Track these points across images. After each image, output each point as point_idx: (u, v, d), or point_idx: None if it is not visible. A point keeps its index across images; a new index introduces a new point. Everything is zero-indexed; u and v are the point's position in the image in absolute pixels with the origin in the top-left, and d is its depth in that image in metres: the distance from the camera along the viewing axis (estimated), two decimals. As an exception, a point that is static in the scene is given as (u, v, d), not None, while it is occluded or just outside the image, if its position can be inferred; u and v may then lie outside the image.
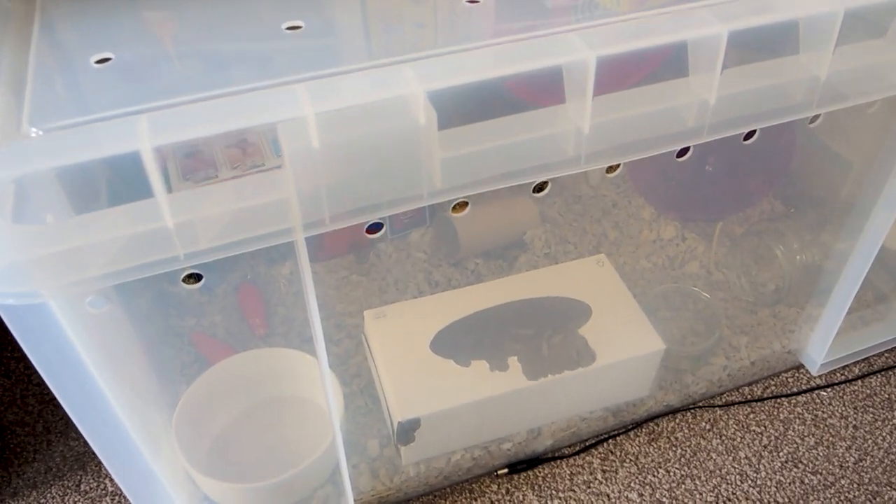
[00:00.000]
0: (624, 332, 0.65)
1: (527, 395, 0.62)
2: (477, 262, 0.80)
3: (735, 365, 0.73)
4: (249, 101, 0.36)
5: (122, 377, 0.52)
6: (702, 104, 0.44)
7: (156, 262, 0.37)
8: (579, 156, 0.42)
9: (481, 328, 0.65)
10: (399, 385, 0.61)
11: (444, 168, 0.40)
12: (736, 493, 0.66)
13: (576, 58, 0.39)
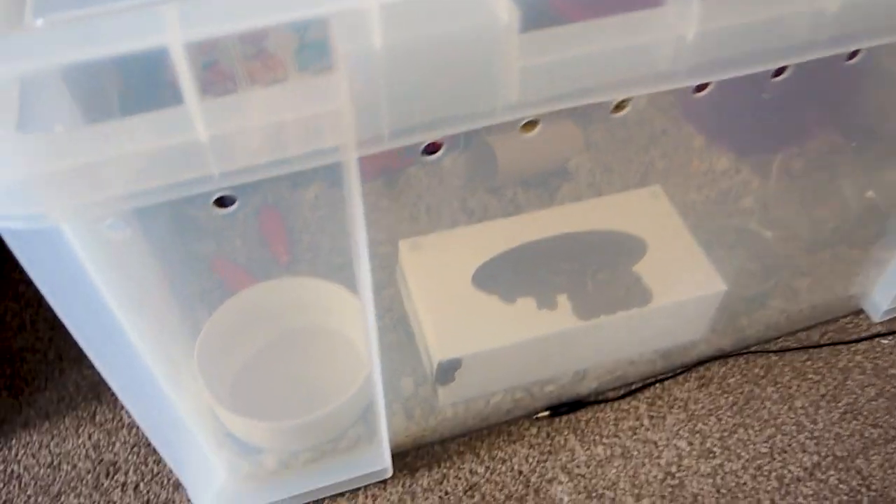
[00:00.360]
0: (682, 270, 0.60)
1: (576, 336, 0.57)
2: (516, 191, 0.74)
3: (793, 308, 0.68)
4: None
5: (141, 308, 0.47)
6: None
7: (186, 182, 0.31)
8: (678, 69, 0.36)
9: (527, 262, 0.60)
10: (439, 322, 0.56)
11: (523, 78, 0.34)
12: (791, 444, 0.63)
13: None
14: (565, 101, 0.35)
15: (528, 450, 0.62)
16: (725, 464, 0.61)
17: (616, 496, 0.59)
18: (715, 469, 0.61)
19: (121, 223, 0.38)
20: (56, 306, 0.37)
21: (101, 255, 0.39)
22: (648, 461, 0.61)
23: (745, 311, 0.67)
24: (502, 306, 0.57)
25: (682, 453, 0.62)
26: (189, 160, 0.31)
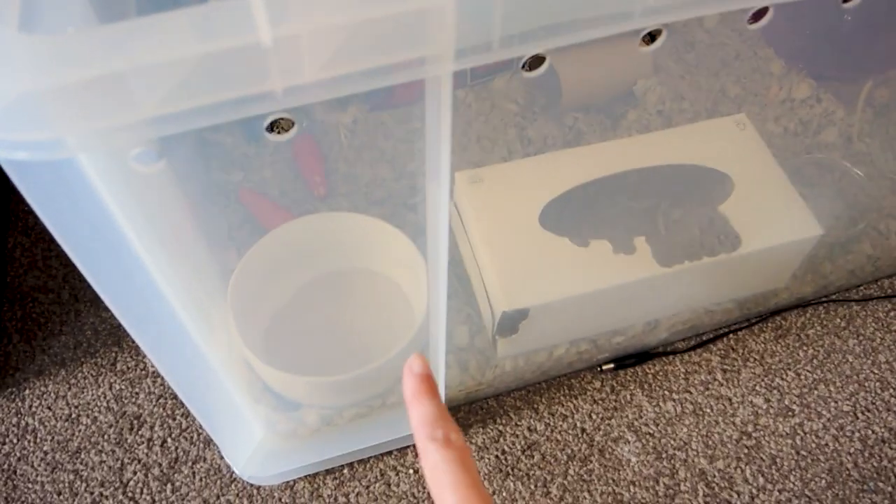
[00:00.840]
0: (773, 211, 0.53)
1: (655, 285, 0.51)
2: (577, 117, 0.66)
3: (882, 254, 0.61)
4: None
5: (168, 250, 0.41)
6: None
7: (242, 100, 0.24)
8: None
9: (601, 200, 0.53)
10: (503, 267, 0.50)
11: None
12: (876, 403, 0.57)
13: None
14: (714, 4, 0.28)
15: (592, 405, 0.56)
16: (805, 423, 0.56)
17: (688, 457, 0.54)
18: (794, 429, 0.56)
19: (152, 153, 0.31)
20: (69, 250, 0.31)
21: (126, 191, 0.32)
22: (722, 419, 0.56)
23: (830, 257, 0.61)
24: (574, 250, 0.51)
25: (759, 411, 0.56)
26: (247, 71, 0.23)
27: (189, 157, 0.59)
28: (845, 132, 0.69)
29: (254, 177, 0.65)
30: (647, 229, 0.52)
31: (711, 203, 0.53)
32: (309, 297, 0.58)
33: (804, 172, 0.64)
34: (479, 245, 0.51)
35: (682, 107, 0.68)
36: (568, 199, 0.52)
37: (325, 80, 0.25)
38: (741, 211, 0.53)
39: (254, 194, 0.64)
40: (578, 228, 0.51)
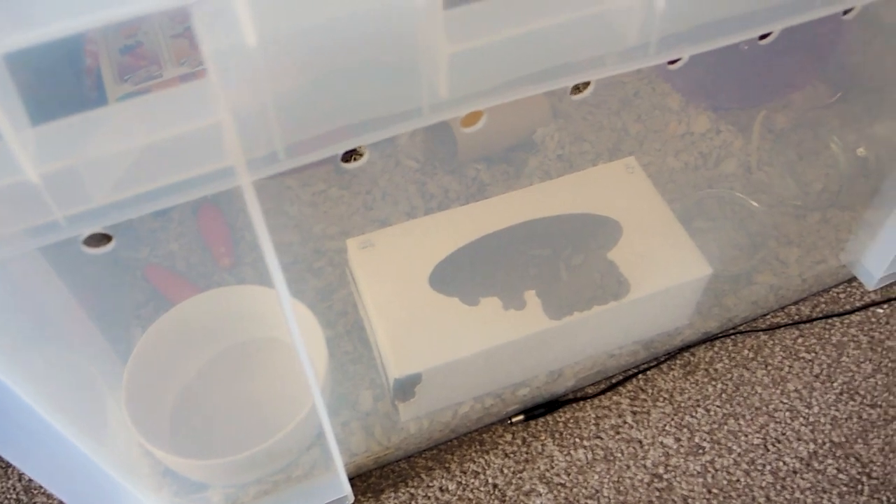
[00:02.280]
0: (662, 254, 0.54)
1: (548, 337, 0.51)
2: (478, 168, 0.67)
3: (784, 283, 0.62)
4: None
5: (45, 344, 0.40)
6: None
7: (22, 233, 0.24)
8: (647, 43, 0.29)
9: (490, 256, 0.53)
10: (394, 333, 0.50)
11: (454, 68, 0.27)
12: (786, 432, 0.58)
13: None
14: (511, 92, 0.29)
15: (503, 459, 0.56)
16: (716, 460, 0.56)
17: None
18: (705, 467, 0.56)
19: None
20: None
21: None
22: (633, 463, 0.56)
23: (732, 290, 0.62)
24: (464, 310, 0.51)
25: (669, 451, 0.57)
26: (21, 204, 0.24)
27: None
28: (744, 162, 0.70)
29: (160, 251, 0.65)
30: (536, 283, 0.52)
31: (601, 250, 0.54)
32: (215, 372, 0.57)
33: (701, 208, 0.65)
34: (371, 311, 0.52)
35: (582, 149, 0.69)
36: (457, 258, 0.53)
37: (111, 205, 0.25)
38: (630, 256, 0.54)
39: (160, 269, 0.64)
40: (468, 287, 0.52)
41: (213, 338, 0.58)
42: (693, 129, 0.71)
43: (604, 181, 0.57)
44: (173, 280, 0.64)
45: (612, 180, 0.57)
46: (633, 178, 0.58)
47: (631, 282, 0.52)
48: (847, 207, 0.67)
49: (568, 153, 0.68)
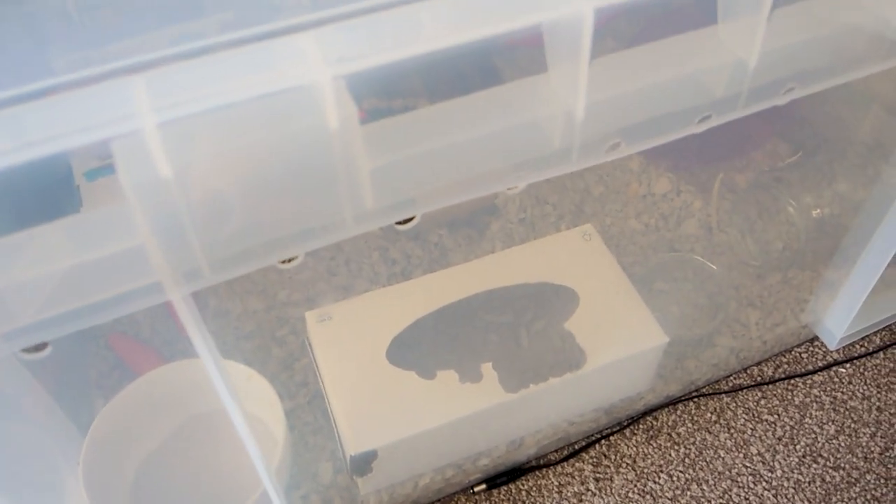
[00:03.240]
0: (619, 323, 0.55)
1: (506, 410, 0.52)
2: (441, 234, 0.68)
3: (744, 345, 0.63)
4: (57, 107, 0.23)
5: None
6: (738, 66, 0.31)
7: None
8: (569, 148, 0.30)
9: (447, 328, 0.54)
10: (350, 408, 0.50)
11: (377, 182, 0.27)
12: (749, 497, 0.58)
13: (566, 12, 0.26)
14: (438, 199, 0.29)
15: (465, 531, 0.56)
16: (680, 526, 0.56)
17: (563, 577, 0.54)
18: (669, 534, 0.56)
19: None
20: None
21: None
22: (597, 532, 0.56)
23: (693, 353, 0.62)
24: (421, 384, 0.51)
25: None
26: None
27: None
28: (705, 223, 0.71)
29: (124, 319, 0.65)
30: (493, 354, 0.53)
31: (558, 321, 0.55)
32: (177, 444, 0.57)
33: (662, 271, 0.66)
34: (328, 385, 0.52)
35: (545, 211, 0.70)
36: (414, 331, 0.53)
37: (40, 322, 0.26)
38: (586, 326, 0.54)
39: (125, 338, 0.64)
40: (425, 360, 0.52)
41: (176, 409, 0.58)
42: (654, 190, 0.73)
43: (561, 249, 0.58)
44: (138, 349, 0.64)
45: (570, 248, 0.58)
46: (591, 245, 0.58)
47: (587, 352, 0.53)
48: (807, 267, 0.68)
49: (530, 216, 0.69)
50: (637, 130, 0.31)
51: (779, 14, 0.31)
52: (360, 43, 0.24)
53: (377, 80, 0.24)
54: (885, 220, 0.58)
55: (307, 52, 0.24)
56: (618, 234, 0.69)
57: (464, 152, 0.28)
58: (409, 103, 0.59)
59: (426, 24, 0.26)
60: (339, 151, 0.25)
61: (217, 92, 0.22)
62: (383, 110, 0.49)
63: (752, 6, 0.30)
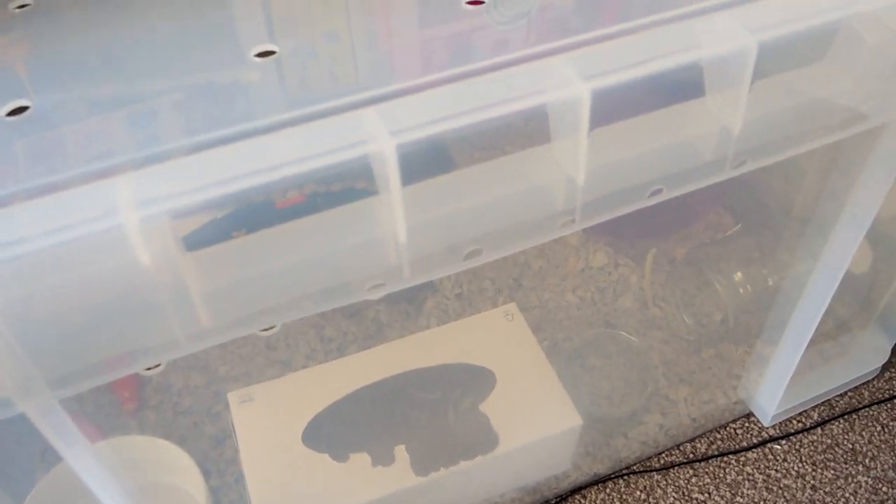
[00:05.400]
0: (534, 404, 0.55)
1: (417, 493, 0.52)
2: (378, 309, 0.69)
3: (673, 422, 0.63)
4: None
5: None
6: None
7: None
8: (399, 267, 0.32)
9: (362, 410, 0.55)
10: (265, 492, 0.51)
11: (209, 300, 0.29)
12: (673, 579, 0.57)
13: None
14: (275, 315, 0.31)
15: None
16: None
17: None
18: None
19: None
20: None
21: None
22: None
23: (621, 431, 0.62)
24: (333, 467, 0.52)
25: None
26: None
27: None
28: (640, 296, 0.72)
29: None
30: (407, 436, 0.53)
31: (475, 402, 0.56)
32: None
33: (591, 348, 0.67)
34: (246, 468, 0.53)
35: (482, 286, 0.72)
36: (330, 413, 0.54)
37: None
38: (502, 407, 0.55)
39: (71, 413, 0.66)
40: (339, 443, 0.53)
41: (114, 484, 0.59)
42: (592, 263, 0.74)
43: (483, 329, 0.59)
44: (83, 424, 0.66)
45: (492, 328, 0.59)
46: (512, 325, 0.59)
47: (500, 434, 0.54)
48: (740, 342, 0.68)
49: (466, 291, 0.71)
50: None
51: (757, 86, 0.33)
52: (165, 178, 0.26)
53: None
54: (803, 295, 0.59)
55: (117, 191, 0.26)
56: (555, 308, 0.71)
57: (304, 267, 0.30)
58: (348, 185, 0.61)
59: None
60: (162, 278, 0.27)
61: (33, 238, 0.25)
62: (322, 194, 0.51)
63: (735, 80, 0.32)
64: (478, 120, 0.28)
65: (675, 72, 0.31)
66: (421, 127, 0.28)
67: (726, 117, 0.34)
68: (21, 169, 0.27)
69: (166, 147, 0.27)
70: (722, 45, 0.32)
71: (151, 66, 0.34)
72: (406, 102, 0.29)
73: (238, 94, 0.33)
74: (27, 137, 0.30)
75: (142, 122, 0.30)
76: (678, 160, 0.35)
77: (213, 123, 0.29)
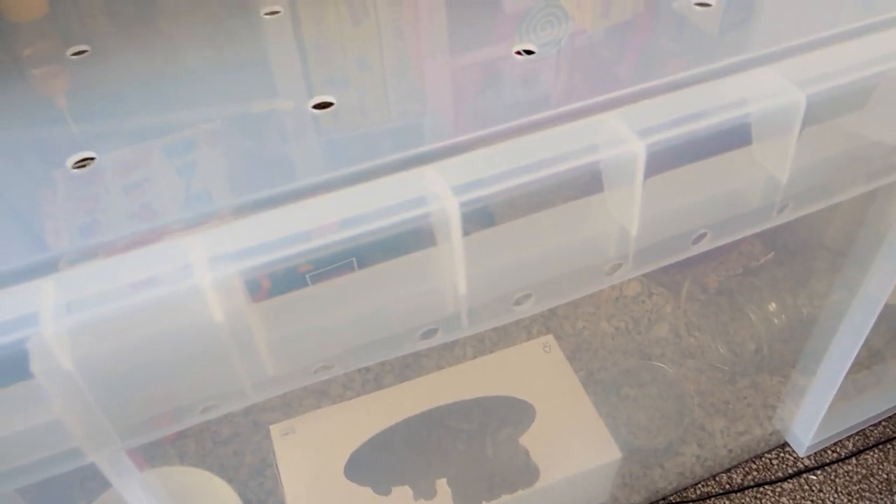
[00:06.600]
0: (573, 438, 0.56)
1: (458, 527, 0.53)
2: (415, 339, 0.70)
3: (710, 453, 0.63)
4: None
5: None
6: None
7: None
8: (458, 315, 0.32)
9: (405, 442, 0.56)
10: (307, 524, 0.52)
11: (277, 350, 0.30)
12: None
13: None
14: (340, 365, 0.32)
15: None
16: None
17: None
18: None
19: None
20: None
21: None
22: None
23: (658, 462, 0.63)
24: (376, 500, 0.53)
25: None
26: None
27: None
28: (675, 326, 0.72)
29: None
30: (448, 470, 0.54)
31: (514, 435, 0.56)
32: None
33: (627, 378, 0.67)
34: (289, 500, 0.54)
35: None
36: (372, 445, 0.55)
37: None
38: (542, 441, 0.55)
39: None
40: (381, 476, 0.54)
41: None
42: (625, 292, 0.74)
43: (521, 361, 0.60)
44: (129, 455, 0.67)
45: (530, 360, 0.60)
46: (550, 357, 0.60)
47: (541, 467, 0.54)
48: (775, 373, 0.68)
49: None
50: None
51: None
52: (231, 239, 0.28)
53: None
54: (841, 327, 0.59)
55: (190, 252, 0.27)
56: (589, 337, 0.71)
57: (360, 318, 0.31)
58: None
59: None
60: (231, 332, 0.28)
61: (111, 296, 0.26)
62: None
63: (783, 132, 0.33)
64: (535, 178, 0.29)
65: (726, 126, 0.32)
66: (482, 185, 0.29)
67: (774, 166, 0.35)
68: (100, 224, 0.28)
69: (231, 202, 0.29)
70: (772, 101, 0.32)
71: (209, 115, 0.35)
72: (465, 159, 0.30)
73: (297, 147, 0.34)
74: (95, 189, 0.31)
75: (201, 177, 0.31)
76: (726, 208, 0.36)
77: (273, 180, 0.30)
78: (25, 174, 0.33)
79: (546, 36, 0.39)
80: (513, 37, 0.39)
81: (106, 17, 0.46)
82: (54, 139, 0.35)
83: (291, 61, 0.40)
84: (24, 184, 0.32)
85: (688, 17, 0.41)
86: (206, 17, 0.44)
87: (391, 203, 0.29)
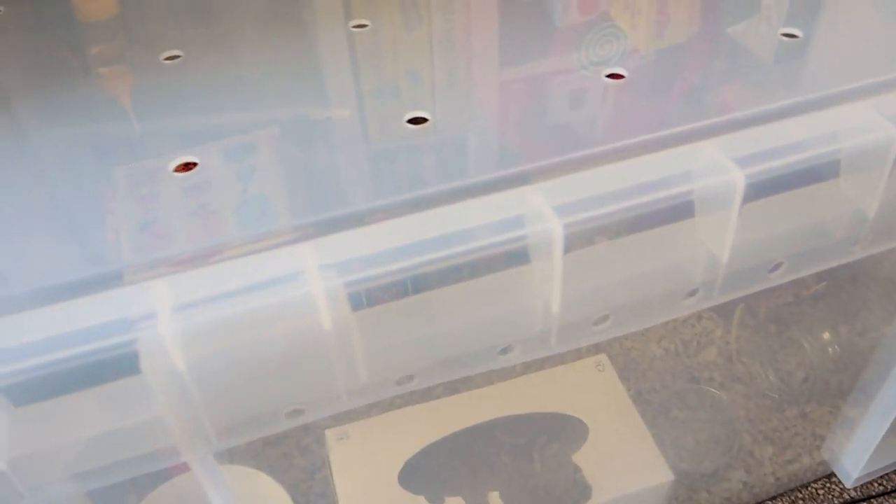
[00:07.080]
0: (625, 458, 0.56)
1: (510, 540, 0.53)
2: (463, 351, 0.70)
3: (757, 480, 0.63)
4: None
5: None
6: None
7: None
8: (548, 330, 0.33)
9: (458, 454, 0.56)
10: (360, 530, 0.52)
11: (372, 358, 0.31)
12: None
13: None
14: (429, 377, 0.33)
15: None
16: None
17: None
18: None
19: None
20: None
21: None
22: None
23: (705, 486, 0.63)
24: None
25: None
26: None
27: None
28: (725, 350, 0.72)
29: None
30: (501, 483, 0.54)
31: (567, 452, 0.56)
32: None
33: (676, 401, 0.67)
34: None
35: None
36: (426, 455, 0.55)
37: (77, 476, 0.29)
38: (594, 459, 0.56)
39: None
40: (435, 486, 0.54)
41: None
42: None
43: (575, 379, 0.60)
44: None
45: (583, 378, 0.60)
46: (603, 376, 0.60)
47: (593, 486, 0.54)
48: (826, 402, 0.68)
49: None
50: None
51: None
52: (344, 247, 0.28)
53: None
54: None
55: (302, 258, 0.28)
56: (638, 357, 0.71)
57: (451, 331, 0.31)
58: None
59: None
60: (330, 345, 0.29)
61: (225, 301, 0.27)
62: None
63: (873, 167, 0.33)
64: (635, 203, 0.30)
65: (821, 160, 0.32)
66: (586, 208, 0.29)
67: (862, 200, 0.35)
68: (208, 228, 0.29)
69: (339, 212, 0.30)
70: (865, 136, 0.33)
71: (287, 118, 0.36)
72: (569, 181, 0.31)
73: (393, 162, 0.35)
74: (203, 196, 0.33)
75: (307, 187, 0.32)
76: (808, 239, 0.36)
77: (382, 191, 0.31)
78: (131, 175, 0.34)
79: (607, 54, 0.40)
80: (580, 58, 0.40)
81: (193, 19, 0.48)
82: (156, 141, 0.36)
83: (384, 74, 0.41)
84: (128, 186, 0.33)
85: (772, 46, 0.41)
86: (293, 26, 0.45)
87: (493, 221, 0.30)
